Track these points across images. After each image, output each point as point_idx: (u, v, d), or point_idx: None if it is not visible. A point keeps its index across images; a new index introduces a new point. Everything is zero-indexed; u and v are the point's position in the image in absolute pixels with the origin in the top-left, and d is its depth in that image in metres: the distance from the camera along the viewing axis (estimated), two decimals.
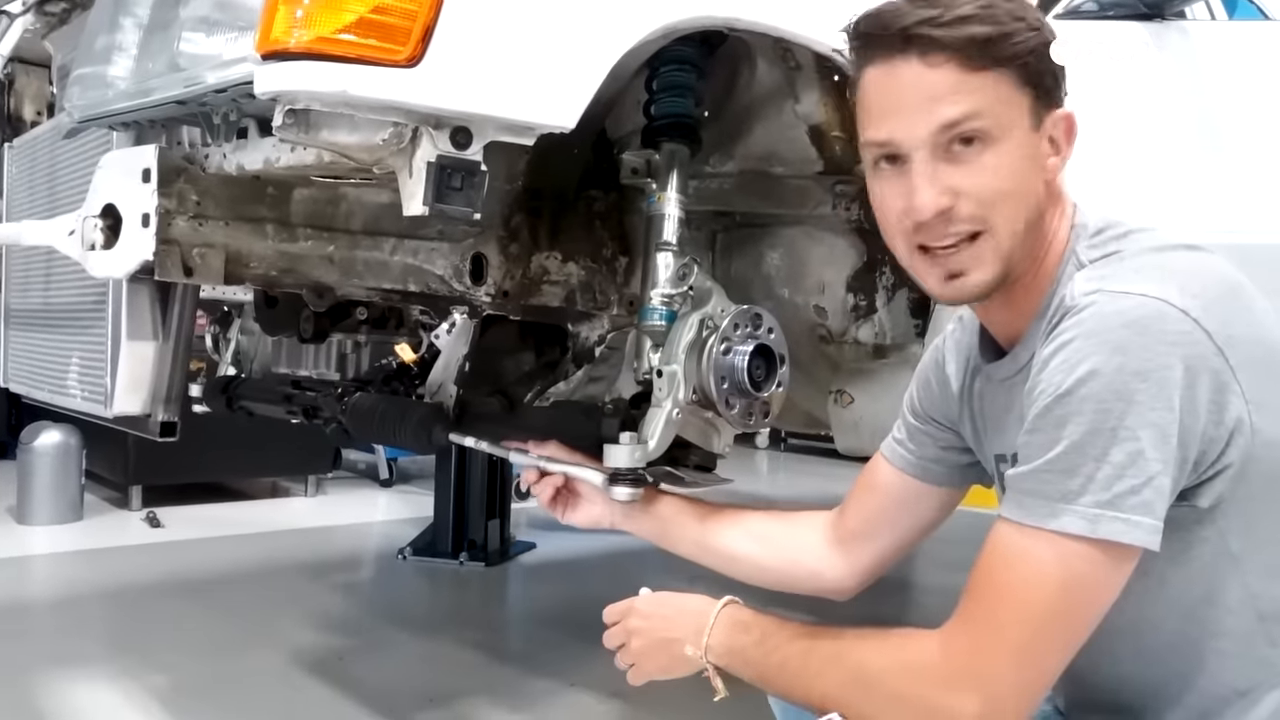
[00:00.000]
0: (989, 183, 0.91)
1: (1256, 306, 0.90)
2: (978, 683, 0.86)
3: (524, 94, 1.12)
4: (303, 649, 2.57)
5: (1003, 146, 0.91)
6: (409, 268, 1.51)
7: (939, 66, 0.90)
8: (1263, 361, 0.87)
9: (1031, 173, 0.93)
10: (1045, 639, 0.86)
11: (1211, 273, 0.90)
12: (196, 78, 1.18)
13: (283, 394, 1.83)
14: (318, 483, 4.68)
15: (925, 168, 0.92)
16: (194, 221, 1.32)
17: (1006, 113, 0.91)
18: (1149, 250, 0.91)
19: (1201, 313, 0.84)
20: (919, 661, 0.89)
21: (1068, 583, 0.84)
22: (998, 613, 0.86)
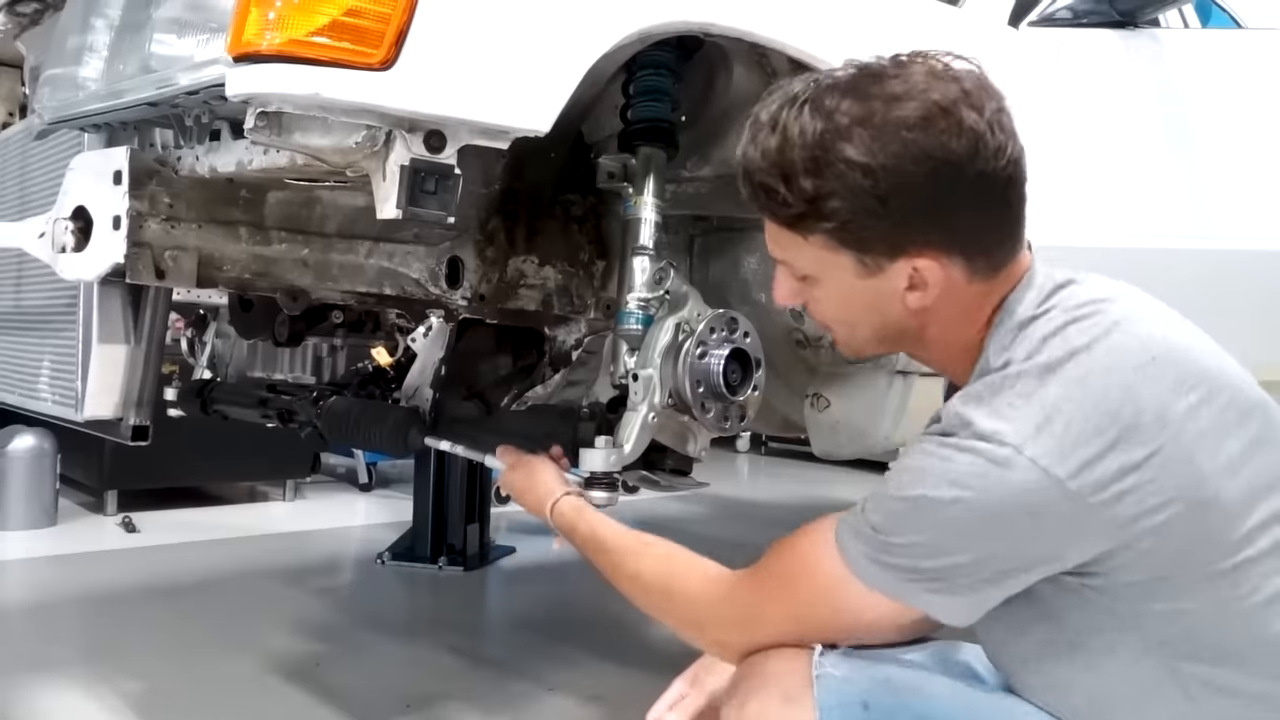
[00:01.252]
0: (818, 310, 1.02)
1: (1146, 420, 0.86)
2: (740, 632, 1.01)
3: (498, 97, 1.12)
4: (279, 654, 2.55)
5: (827, 288, 0.98)
6: (384, 271, 1.50)
7: (768, 219, 0.98)
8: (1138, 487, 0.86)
9: (867, 306, 0.98)
10: (805, 636, 0.98)
11: (1085, 401, 0.87)
12: (168, 79, 1.17)
13: (258, 398, 1.82)
14: (296, 487, 4.65)
15: (780, 272, 1.03)
16: (166, 224, 1.31)
17: (821, 265, 0.97)
18: (1039, 372, 0.89)
19: (1056, 459, 0.85)
20: (696, 584, 1.05)
21: (852, 612, 0.94)
22: (781, 600, 0.98)
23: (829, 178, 0.90)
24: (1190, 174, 1.85)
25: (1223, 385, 0.91)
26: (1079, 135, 1.82)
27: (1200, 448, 0.87)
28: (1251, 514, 0.89)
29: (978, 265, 0.95)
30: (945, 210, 0.91)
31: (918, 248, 0.93)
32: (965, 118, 0.89)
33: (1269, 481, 0.90)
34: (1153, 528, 0.86)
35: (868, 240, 0.93)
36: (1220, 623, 0.90)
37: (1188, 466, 0.87)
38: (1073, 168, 1.80)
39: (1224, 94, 1.90)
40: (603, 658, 2.65)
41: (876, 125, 0.89)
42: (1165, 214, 1.84)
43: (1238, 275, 1.87)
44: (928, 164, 0.88)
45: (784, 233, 0.96)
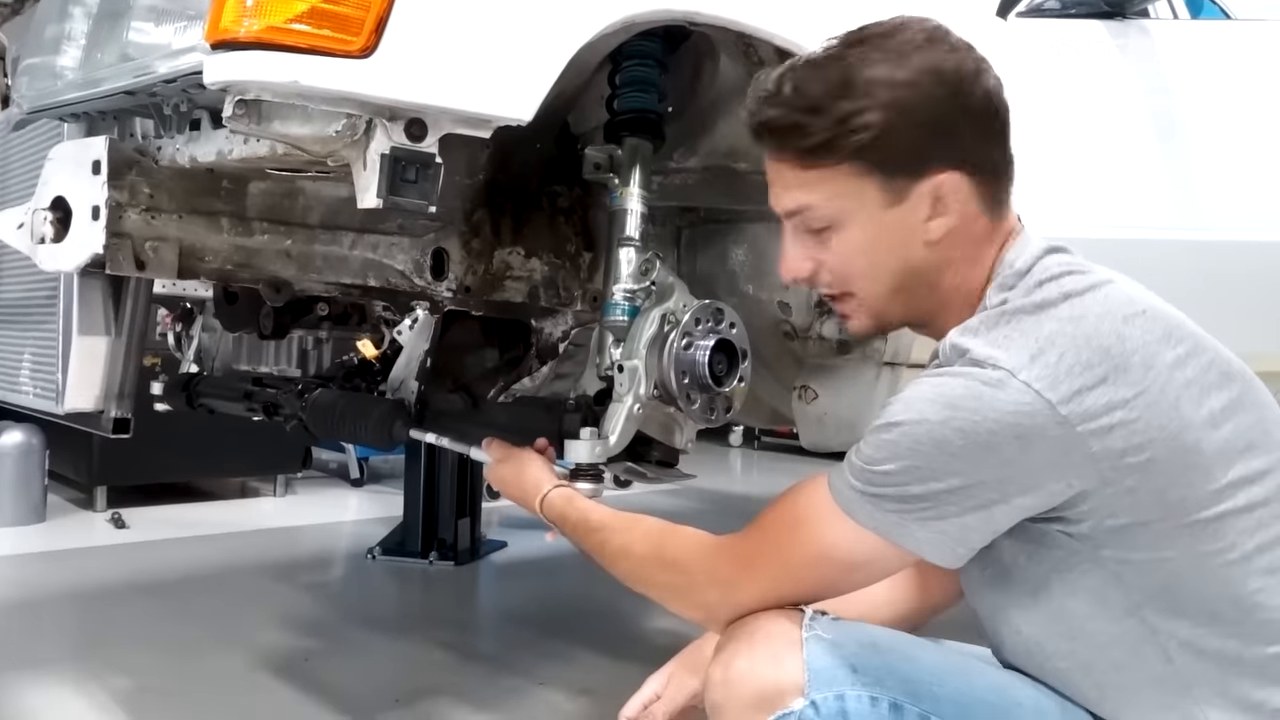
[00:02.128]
0: (840, 262, 1.02)
1: (1135, 360, 0.89)
2: (726, 589, 1.01)
3: (480, 86, 1.11)
4: (268, 650, 2.54)
5: (848, 231, 1.00)
6: (368, 262, 1.49)
7: (783, 160, 1.01)
8: (1124, 423, 0.88)
9: (892, 246, 1.00)
10: (794, 586, 0.99)
11: (1078, 335, 0.89)
12: (146, 68, 1.16)
13: (243, 391, 1.81)
14: (287, 483, 4.63)
15: (790, 237, 1.05)
16: (146, 214, 1.30)
17: (847, 202, 0.99)
18: (1034, 308, 0.93)
19: (1049, 384, 0.87)
20: (686, 550, 1.06)
21: (840, 558, 0.95)
22: (771, 556, 0.98)
23: (859, 96, 0.95)
24: (1179, 165, 1.85)
25: (1207, 346, 0.95)
26: (1067, 126, 1.82)
27: (1184, 396, 0.90)
28: (1229, 470, 0.91)
29: (989, 188, 1.00)
30: (958, 124, 0.97)
31: (940, 163, 0.97)
32: (959, 43, 0.99)
33: (1246, 443, 0.93)
34: (1134, 466, 0.89)
35: (893, 159, 0.97)
36: (1199, 577, 0.92)
37: (1172, 411, 0.89)
38: (1061, 159, 1.80)
39: (1213, 85, 1.90)
40: (593, 652, 2.64)
41: (889, 49, 0.96)
42: (1153, 205, 1.83)
43: (1229, 266, 1.87)
44: (940, 76, 0.96)
45: (805, 173, 0.99)
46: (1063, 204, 1.78)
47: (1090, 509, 0.91)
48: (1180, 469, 0.90)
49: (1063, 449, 0.88)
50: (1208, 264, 1.87)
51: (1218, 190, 1.90)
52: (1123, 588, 0.93)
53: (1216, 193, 1.89)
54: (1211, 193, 1.89)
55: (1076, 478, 0.89)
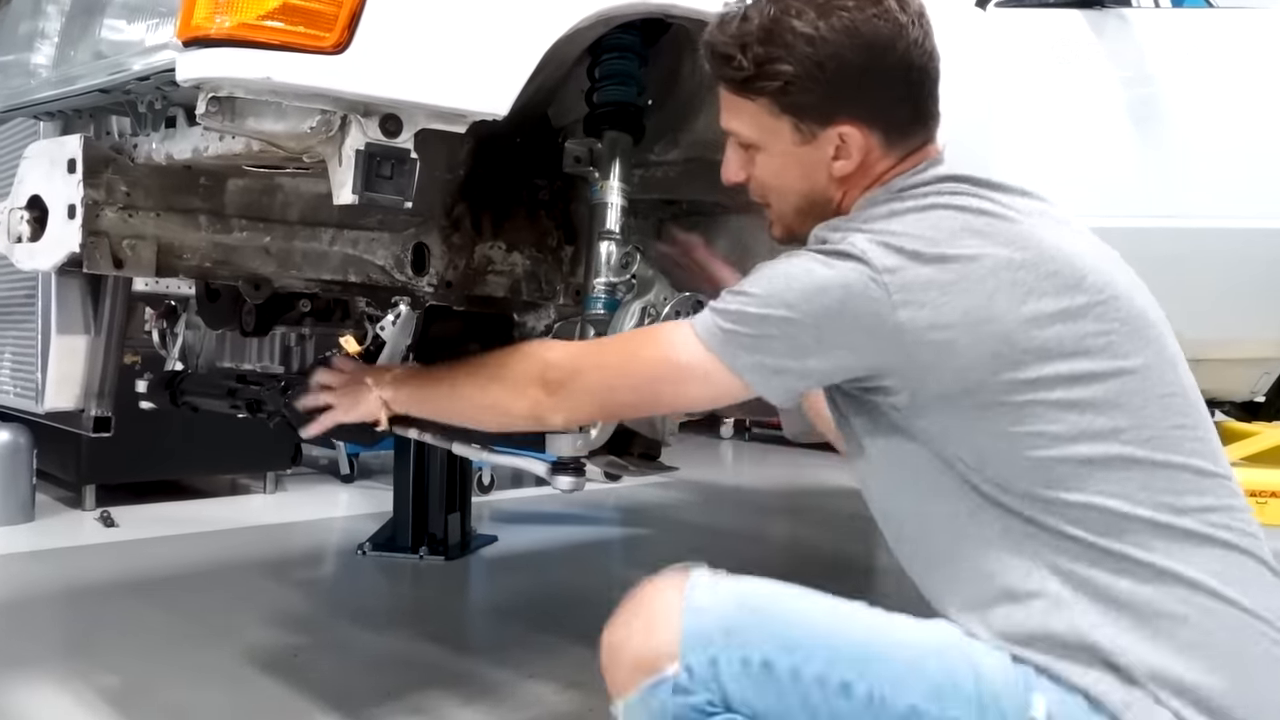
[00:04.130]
0: (761, 177, 1.16)
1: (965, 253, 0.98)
2: (566, 375, 1.12)
3: (454, 81, 1.11)
4: (257, 646, 2.54)
5: (768, 155, 1.13)
6: (349, 258, 1.49)
7: (722, 85, 1.14)
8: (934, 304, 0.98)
9: (799, 173, 1.13)
10: (629, 383, 1.11)
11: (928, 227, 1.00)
12: (120, 65, 1.15)
13: (226, 388, 1.81)
14: (277, 479, 4.62)
15: (729, 149, 1.17)
16: (123, 213, 1.29)
17: (764, 130, 1.11)
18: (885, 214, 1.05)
19: (878, 256, 0.98)
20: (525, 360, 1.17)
21: (678, 366, 1.06)
22: (616, 347, 1.16)
23: (778, 45, 1.06)
24: (1158, 154, 1.85)
25: (1057, 260, 1.01)
26: (1046, 116, 1.83)
27: (1003, 293, 0.98)
28: (1045, 366, 0.98)
29: (893, 140, 1.10)
30: (869, 84, 1.07)
31: (845, 116, 1.08)
32: (890, 6, 1.06)
33: (1077, 348, 0.99)
34: (936, 343, 0.97)
35: (804, 105, 1.08)
36: (1009, 456, 0.99)
37: (985, 302, 0.97)
38: (1041, 148, 1.80)
39: (1193, 74, 1.90)
40: (583, 645, 2.64)
41: (820, 5, 1.05)
42: (1130, 193, 1.84)
43: (1208, 252, 1.88)
44: (859, 39, 1.05)
45: (734, 98, 1.12)
46: (1038, 193, 1.79)
47: (901, 381, 1.00)
48: (982, 355, 0.98)
49: (876, 312, 0.98)
50: (1189, 252, 1.88)
51: (1196, 178, 1.91)
52: (943, 459, 1.02)
53: (1195, 180, 1.90)
54: (1190, 180, 1.90)
55: (884, 344, 0.99)
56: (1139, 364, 1.00)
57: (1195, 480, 1.00)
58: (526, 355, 1.19)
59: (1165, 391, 1.01)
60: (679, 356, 1.06)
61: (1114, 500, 0.97)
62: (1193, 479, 0.99)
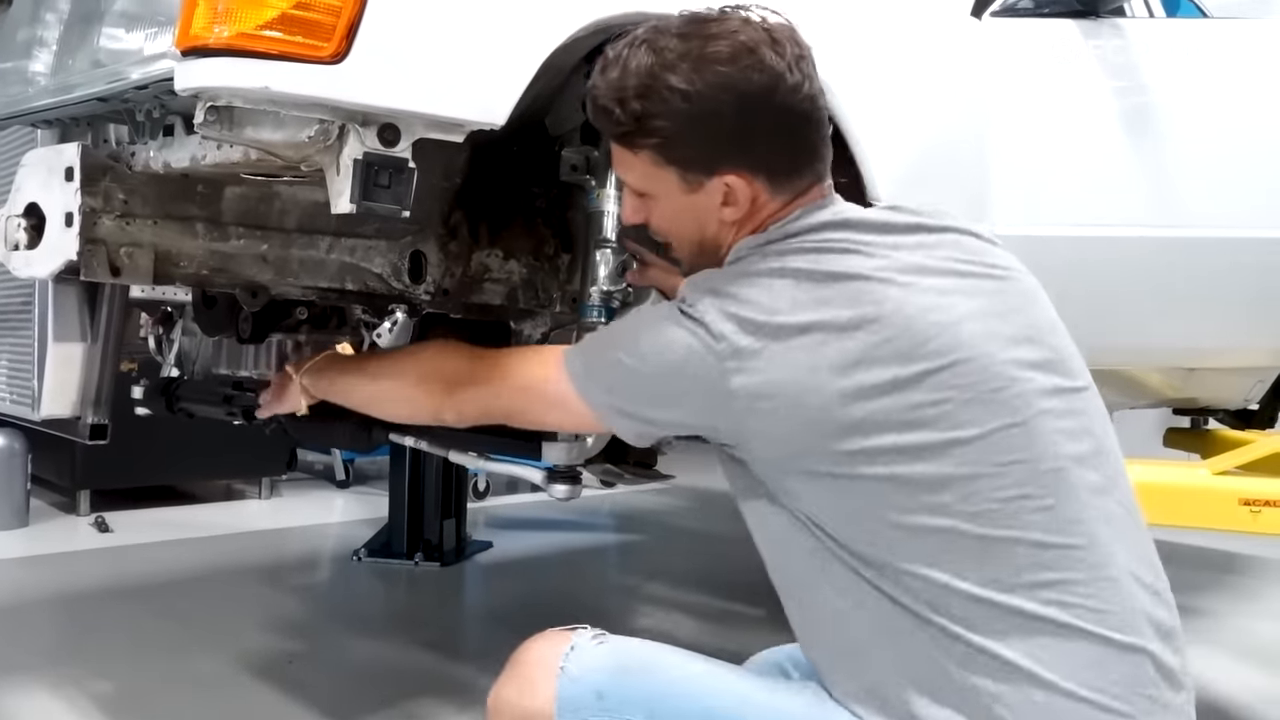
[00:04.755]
0: (657, 222, 1.16)
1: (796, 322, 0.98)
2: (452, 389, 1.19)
3: (452, 90, 1.12)
4: (252, 652, 2.54)
5: (659, 202, 1.13)
6: (346, 266, 1.49)
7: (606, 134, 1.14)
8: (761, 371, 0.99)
9: (691, 220, 1.12)
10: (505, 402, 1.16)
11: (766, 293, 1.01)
12: (118, 74, 1.15)
13: (222, 395, 1.80)
14: (273, 485, 4.62)
15: (626, 192, 1.17)
16: (121, 220, 1.29)
17: (654, 182, 1.11)
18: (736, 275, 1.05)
19: (717, 321, 1.00)
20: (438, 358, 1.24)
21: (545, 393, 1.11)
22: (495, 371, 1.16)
23: (654, 100, 1.04)
24: (1152, 163, 1.86)
25: (898, 325, 0.99)
26: (1042, 126, 1.83)
27: (827, 365, 0.97)
28: (869, 439, 0.97)
29: (778, 184, 1.09)
30: (748, 135, 1.06)
31: (728, 166, 1.07)
32: (766, 57, 1.04)
33: (911, 420, 0.97)
34: (762, 410, 0.98)
35: (686, 158, 1.08)
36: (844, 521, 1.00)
37: (807, 374, 0.98)
38: (1035, 158, 1.81)
39: (1188, 84, 1.91)
40: None
41: (694, 59, 1.04)
42: (1125, 203, 1.85)
43: (1204, 262, 1.89)
44: (734, 93, 1.04)
45: (620, 150, 1.11)
46: (1035, 202, 1.80)
47: (736, 442, 1.03)
48: (800, 425, 0.98)
49: (709, 378, 1.00)
50: (1182, 261, 1.89)
51: (1189, 187, 1.91)
52: (785, 514, 1.03)
53: (1188, 189, 1.91)
54: (1184, 190, 1.91)
55: (715, 407, 1.01)
56: (975, 433, 0.97)
57: (1032, 553, 0.96)
58: (434, 356, 1.26)
59: (1007, 460, 0.97)
60: (545, 385, 1.11)
61: (941, 573, 0.96)
62: (1029, 552, 0.96)
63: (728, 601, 3.16)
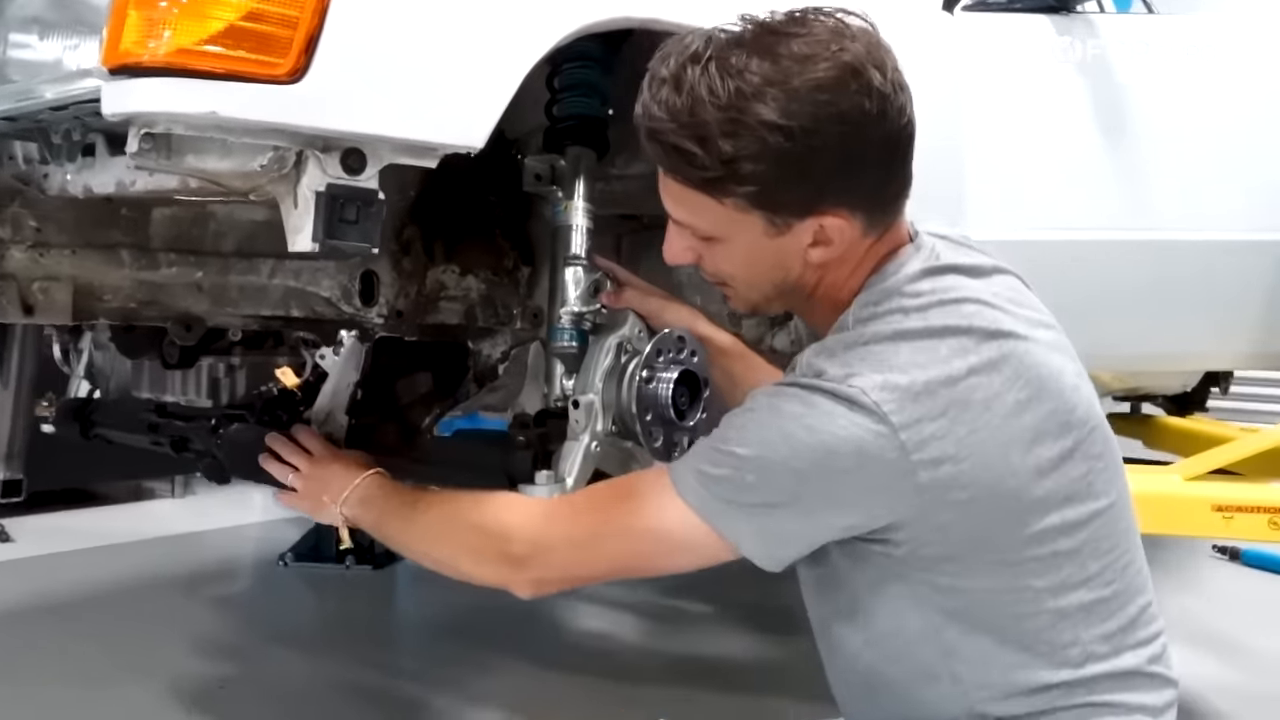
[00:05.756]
0: (718, 266, 1.03)
1: (971, 410, 0.90)
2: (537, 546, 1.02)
3: (425, 111, 1.00)
4: (178, 676, 2.37)
5: (729, 246, 0.99)
6: (291, 291, 1.35)
7: (665, 173, 0.98)
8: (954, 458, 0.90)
9: (771, 263, 1.00)
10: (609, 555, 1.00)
11: (929, 366, 0.91)
12: (29, 91, 0.99)
13: (147, 422, 1.65)
14: (185, 482, 4.39)
15: (672, 230, 1.03)
16: (33, 252, 1.13)
17: (730, 226, 0.97)
18: (892, 335, 0.94)
19: (894, 407, 0.88)
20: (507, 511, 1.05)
21: (664, 536, 0.96)
22: (593, 516, 1.00)
23: (746, 140, 0.90)
24: (1126, 163, 1.83)
25: (1051, 392, 0.95)
26: (1013, 122, 1.78)
27: (1016, 443, 0.92)
28: (1044, 519, 0.93)
29: (875, 220, 0.99)
30: (855, 168, 0.94)
31: (828, 205, 0.95)
32: (873, 78, 0.91)
33: (1067, 495, 0.94)
34: (955, 502, 0.90)
35: (782, 201, 0.95)
36: (993, 610, 0.95)
37: (1000, 456, 0.91)
38: (1007, 156, 1.76)
39: (1160, 80, 1.88)
40: (522, 660, 2.56)
41: (791, 87, 0.89)
42: (1100, 204, 1.81)
43: (1173, 266, 1.87)
44: (841, 125, 0.91)
45: (692, 194, 0.96)
46: (1012, 205, 1.75)
47: (907, 536, 0.92)
48: (995, 513, 0.92)
49: (894, 473, 0.89)
50: (1149, 264, 1.87)
51: (1158, 190, 1.89)
52: (925, 608, 0.96)
53: (1156, 193, 1.88)
54: (1151, 193, 1.88)
55: (900, 504, 0.91)
56: (1109, 502, 0.97)
57: (1138, 611, 1.00)
58: (494, 520, 1.06)
59: (1125, 526, 0.99)
60: (667, 527, 0.95)
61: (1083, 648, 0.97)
62: (1137, 612, 1.00)
63: (674, 599, 3.10)
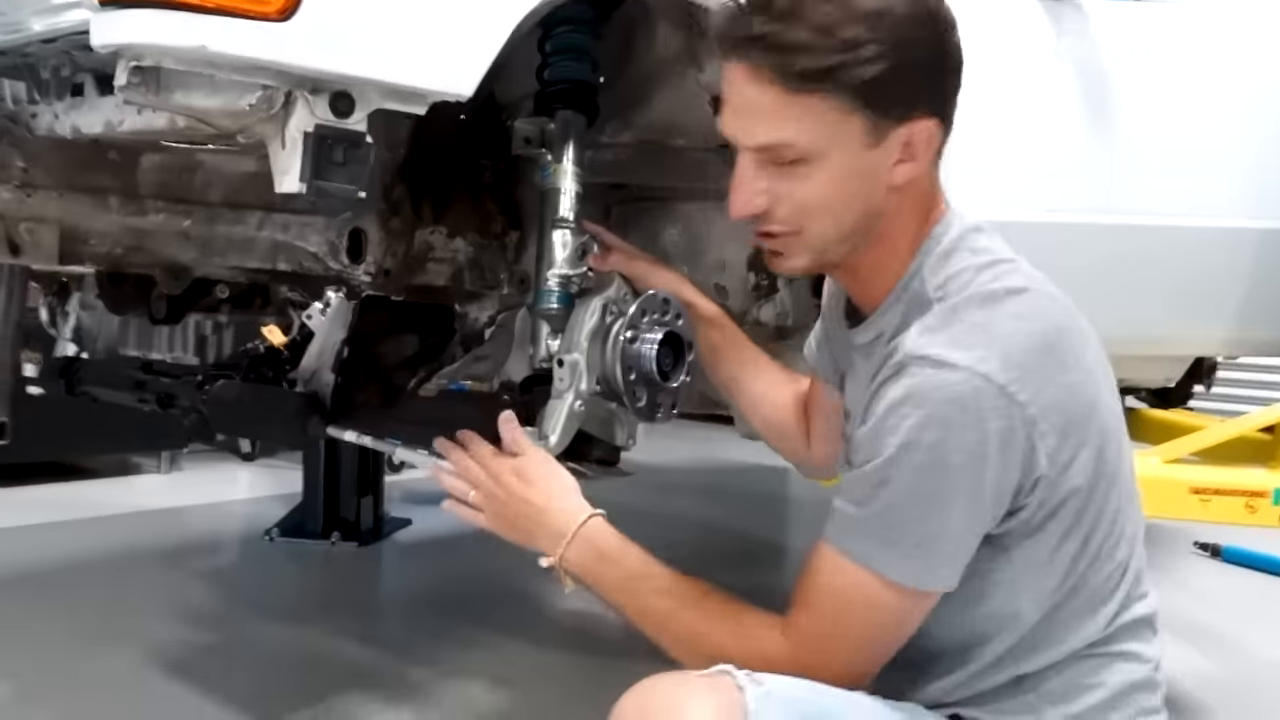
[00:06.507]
0: (806, 197, 0.98)
1: (1070, 361, 0.95)
2: None
3: (415, 56, 1.00)
4: (161, 647, 2.37)
5: (823, 165, 0.96)
6: (278, 245, 1.35)
7: (762, 84, 0.94)
8: (1064, 421, 0.94)
9: (859, 186, 0.98)
10: (865, 654, 0.98)
11: (1033, 332, 0.94)
12: (18, 24, 0.99)
13: (133, 379, 1.65)
14: (172, 458, 4.37)
15: (748, 171, 0.99)
16: (20, 192, 1.13)
17: (830, 135, 0.95)
18: (980, 302, 0.96)
19: (1018, 386, 0.90)
20: (763, 654, 0.97)
21: (882, 613, 0.95)
22: (832, 631, 0.96)
23: (861, 25, 0.91)
24: (1106, 147, 1.84)
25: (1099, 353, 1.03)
26: (1003, 104, 1.79)
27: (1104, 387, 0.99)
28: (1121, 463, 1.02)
29: (944, 139, 1.00)
30: (944, 71, 0.97)
31: (923, 109, 0.95)
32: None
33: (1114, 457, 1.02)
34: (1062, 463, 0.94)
35: (888, 99, 0.94)
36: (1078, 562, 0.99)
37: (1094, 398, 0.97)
38: (991, 136, 1.77)
39: (1143, 65, 1.89)
40: (507, 636, 2.56)
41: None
42: (1082, 187, 1.82)
43: (1156, 250, 1.88)
44: (934, 24, 0.94)
45: (790, 100, 0.93)
46: (994, 186, 1.76)
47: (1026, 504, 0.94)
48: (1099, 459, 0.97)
49: (1030, 444, 0.91)
50: (1130, 248, 1.88)
51: (1133, 172, 1.90)
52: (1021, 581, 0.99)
53: (1140, 177, 1.89)
54: (1135, 177, 1.89)
55: (1033, 471, 0.93)
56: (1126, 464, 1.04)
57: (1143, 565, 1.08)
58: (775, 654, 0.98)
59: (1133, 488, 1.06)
60: (893, 615, 0.96)
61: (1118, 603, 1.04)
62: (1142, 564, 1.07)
63: None
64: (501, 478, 1.13)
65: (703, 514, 4.43)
